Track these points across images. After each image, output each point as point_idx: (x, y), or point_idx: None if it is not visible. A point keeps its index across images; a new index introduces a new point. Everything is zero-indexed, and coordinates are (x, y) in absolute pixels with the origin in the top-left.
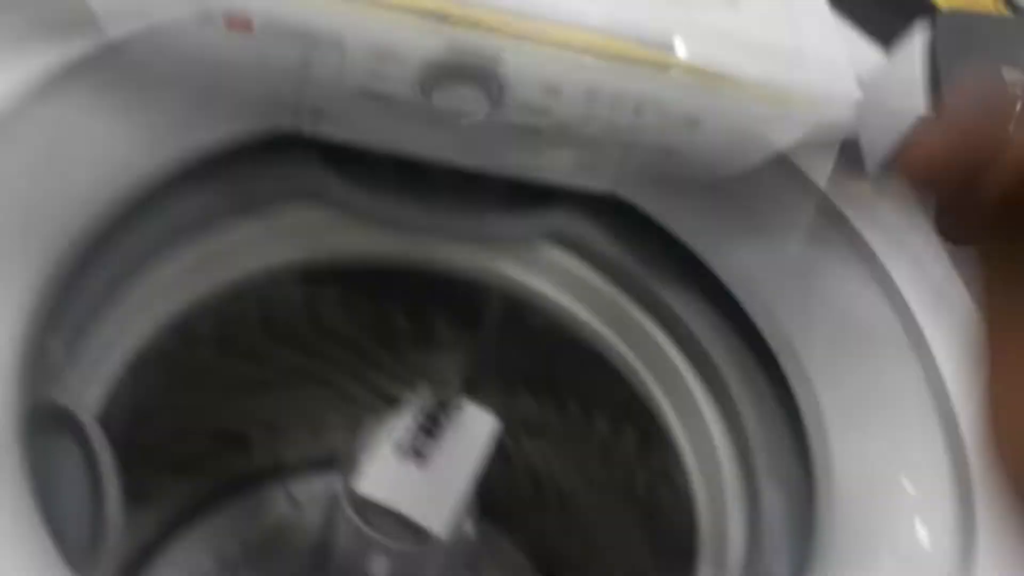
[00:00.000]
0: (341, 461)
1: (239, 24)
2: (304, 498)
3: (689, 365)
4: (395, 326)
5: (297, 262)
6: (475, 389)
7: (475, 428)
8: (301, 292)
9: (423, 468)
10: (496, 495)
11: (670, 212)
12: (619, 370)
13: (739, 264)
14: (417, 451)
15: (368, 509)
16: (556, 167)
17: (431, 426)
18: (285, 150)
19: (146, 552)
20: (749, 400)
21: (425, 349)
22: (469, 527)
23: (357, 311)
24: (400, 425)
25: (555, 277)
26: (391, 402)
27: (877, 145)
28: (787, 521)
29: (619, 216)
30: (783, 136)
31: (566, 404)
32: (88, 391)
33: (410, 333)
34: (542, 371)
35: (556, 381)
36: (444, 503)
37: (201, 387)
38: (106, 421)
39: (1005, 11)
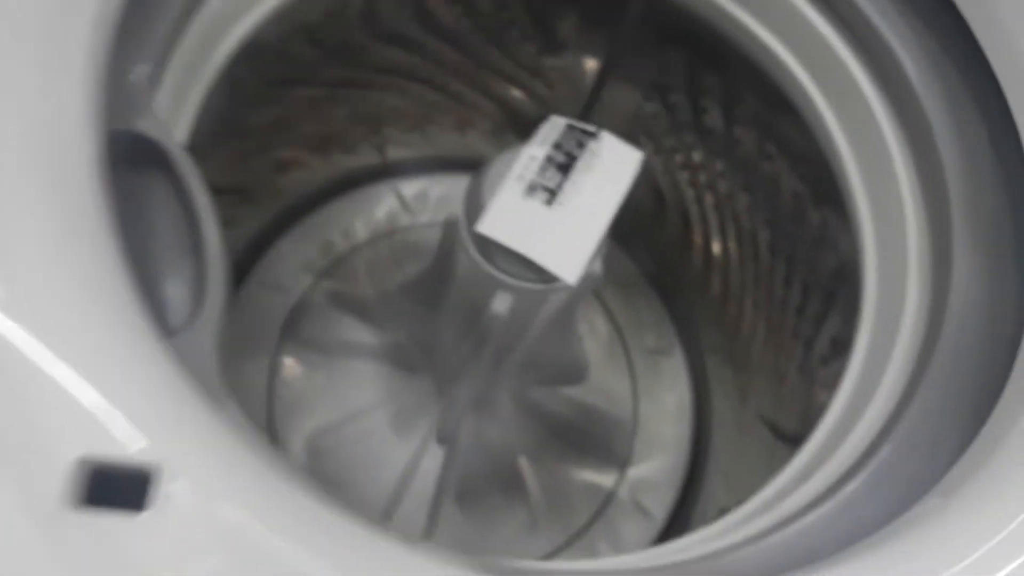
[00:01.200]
0: (465, 195)
1: None
2: (413, 197)
3: (877, 89)
4: (514, 25)
5: None
6: (600, 96)
7: (614, 163)
8: None
9: (553, 207)
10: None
11: None
12: (780, 82)
13: None
14: (547, 188)
15: (491, 247)
16: None
17: (564, 160)
18: None
19: (255, 245)
20: (954, 143)
21: (549, 51)
22: (598, 266)
23: (470, 5)
24: (529, 158)
25: None
26: (506, 106)
27: None
28: (986, 305)
29: None
30: None
31: (704, 116)
32: (182, 106)
33: (531, 33)
34: (682, 80)
35: (698, 89)
36: (574, 246)
37: (301, 88)
38: (201, 130)
39: None
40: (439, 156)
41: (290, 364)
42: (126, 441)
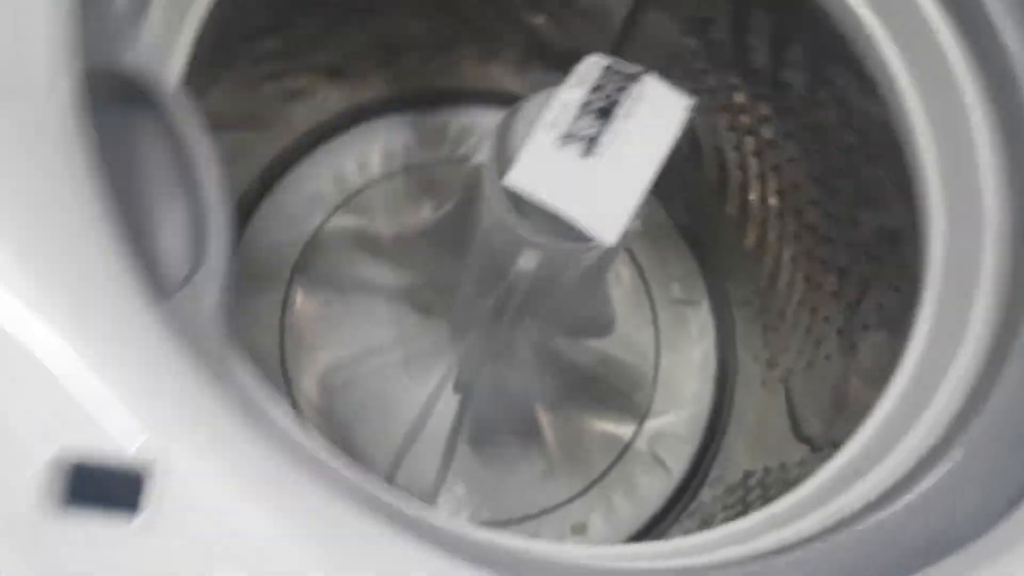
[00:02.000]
0: (493, 142)
1: None
2: (431, 131)
3: (959, 41)
4: None
5: None
6: (635, 28)
7: (660, 110)
8: None
9: (591, 158)
10: None
11: None
12: (841, 25)
13: None
14: (584, 137)
15: (522, 202)
16: None
17: (603, 105)
18: None
19: (266, 177)
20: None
21: None
22: (637, 223)
23: None
24: (563, 104)
25: None
26: (532, 36)
27: None
28: None
29: None
30: None
31: (750, 54)
32: (176, 35)
33: None
34: (726, 14)
35: (744, 26)
36: (614, 203)
37: (314, 14)
38: (200, 59)
39: None
40: (459, 88)
41: (302, 300)
42: (117, 432)
